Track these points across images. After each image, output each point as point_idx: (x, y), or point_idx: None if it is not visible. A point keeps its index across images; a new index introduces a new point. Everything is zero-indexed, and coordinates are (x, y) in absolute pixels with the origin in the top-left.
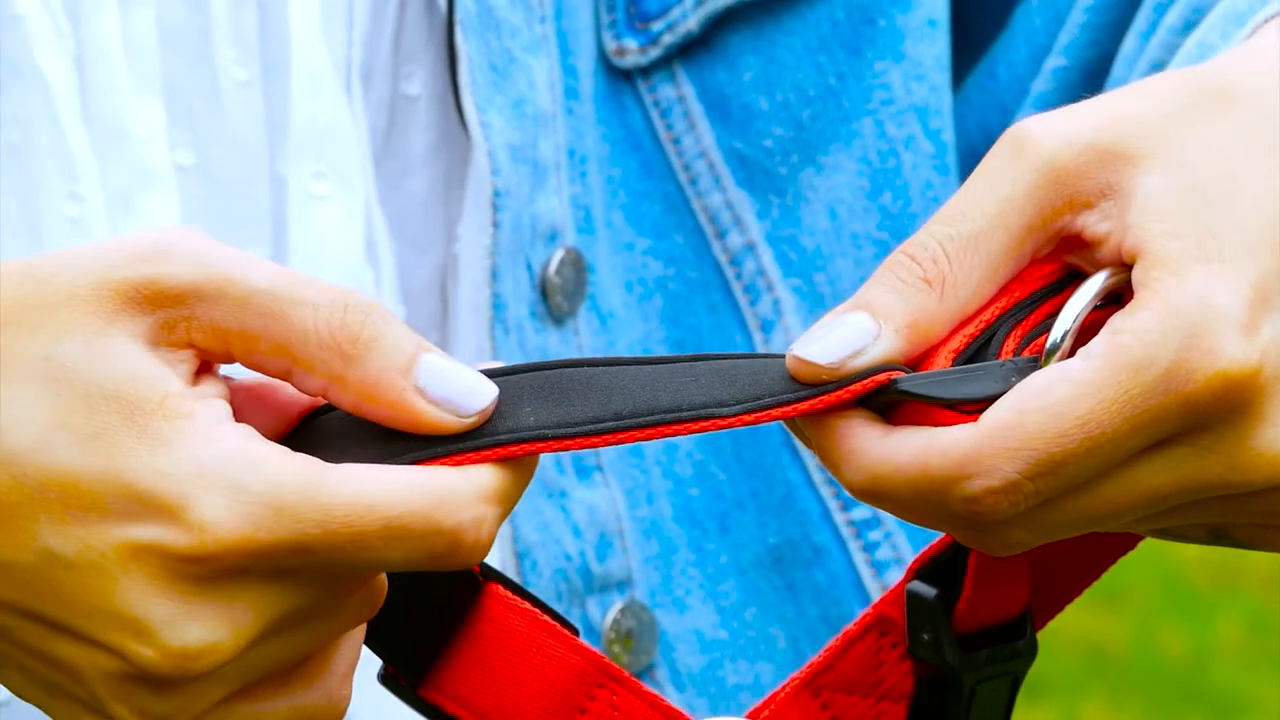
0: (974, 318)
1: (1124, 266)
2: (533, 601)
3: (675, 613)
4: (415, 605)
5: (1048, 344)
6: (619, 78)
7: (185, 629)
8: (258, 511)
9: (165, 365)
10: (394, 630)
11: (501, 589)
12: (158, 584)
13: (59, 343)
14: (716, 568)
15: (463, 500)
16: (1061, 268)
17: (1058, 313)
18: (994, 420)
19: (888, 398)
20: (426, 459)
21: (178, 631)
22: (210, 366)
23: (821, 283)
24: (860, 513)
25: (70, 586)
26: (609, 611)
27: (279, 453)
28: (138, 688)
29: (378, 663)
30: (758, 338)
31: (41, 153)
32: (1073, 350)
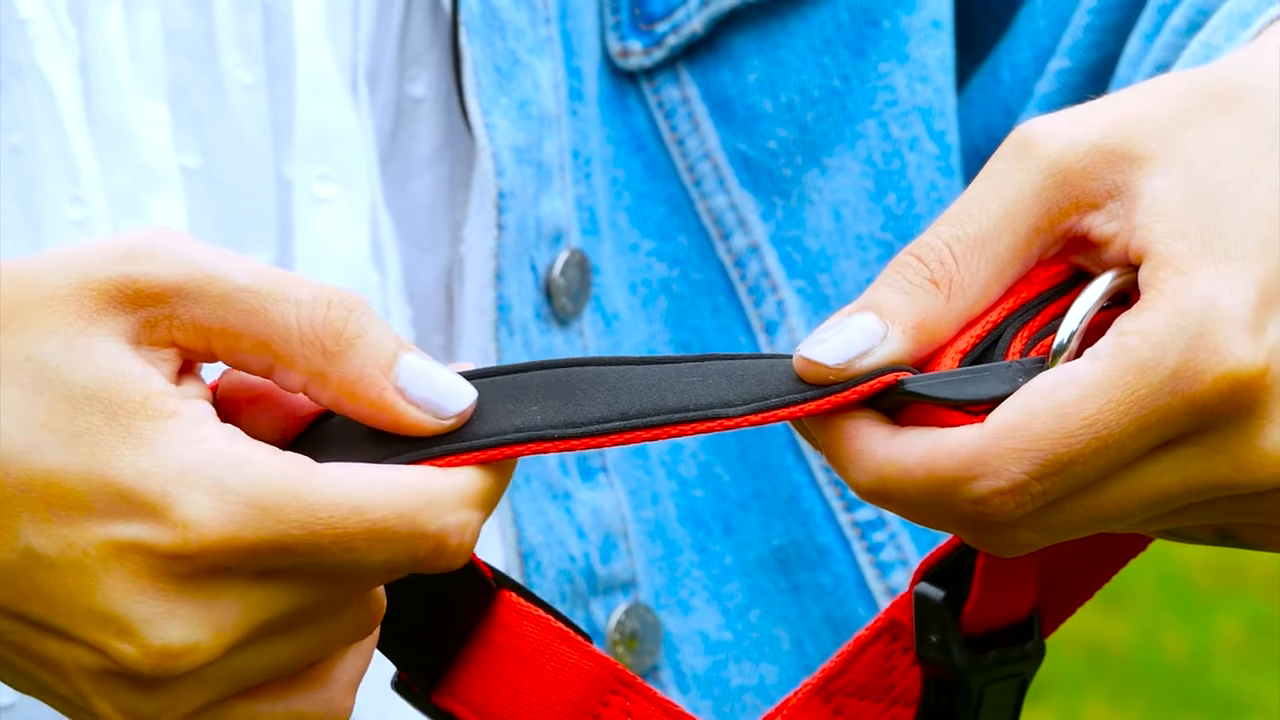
0: (981, 319)
1: (1130, 267)
2: (546, 608)
3: (680, 614)
4: (429, 612)
5: (1054, 345)
6: (623, 79)
7: (166, 627)
8: (241, 510)
9: (148, 364)
10: (408, 636)
11: (514, 595)
12: (140, 582)
13: (40, 343)
14: (721, 569)
15: (447, 503)
16: (1068, 269)
17: (1064, 313)
18: (1001, 421)
19: (895, 399)
20: (429, 458)
21: (159, 630)
22: (192, 366)
23: (826, 284)
24: (865, 514)
25: (52, 585)
26: (613, 613)
27: (265, 452)
28: (121, 686)
29: (386, 669)
30: (762, 339)
31: (45, 156)
32: (1080, 351)
